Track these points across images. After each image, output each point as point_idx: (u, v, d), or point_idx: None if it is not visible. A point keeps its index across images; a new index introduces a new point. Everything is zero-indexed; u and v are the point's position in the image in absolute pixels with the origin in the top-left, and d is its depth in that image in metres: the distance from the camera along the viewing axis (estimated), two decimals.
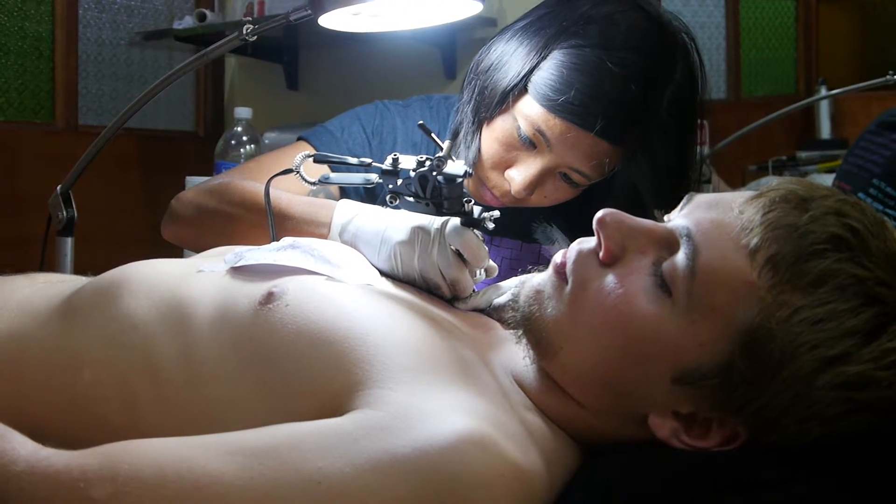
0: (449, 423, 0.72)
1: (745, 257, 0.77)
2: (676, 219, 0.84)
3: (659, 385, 0.80)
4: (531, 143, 1.27)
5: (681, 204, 0.86)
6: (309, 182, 1.08)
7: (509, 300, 0.94)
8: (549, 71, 1.24)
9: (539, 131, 1.25)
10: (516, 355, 0.89)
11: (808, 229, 0.76)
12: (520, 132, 1.27)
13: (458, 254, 1.04)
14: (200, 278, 0.93)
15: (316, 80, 3.31)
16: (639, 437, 0.83)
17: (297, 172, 1.08)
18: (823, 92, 3.30)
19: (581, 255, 0.86)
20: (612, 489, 0.78)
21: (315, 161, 1.11)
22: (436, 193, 1.04)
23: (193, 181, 2.24)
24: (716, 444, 0.80)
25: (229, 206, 1.28)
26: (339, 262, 0.96)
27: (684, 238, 0.80)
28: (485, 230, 1.06)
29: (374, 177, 1.08)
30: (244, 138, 2.37)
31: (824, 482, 0.74)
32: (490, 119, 1.31)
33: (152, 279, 0.93)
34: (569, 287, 0.85)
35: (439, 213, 1.05)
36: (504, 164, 1.30)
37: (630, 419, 0.83)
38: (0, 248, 2.81)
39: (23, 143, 3.05)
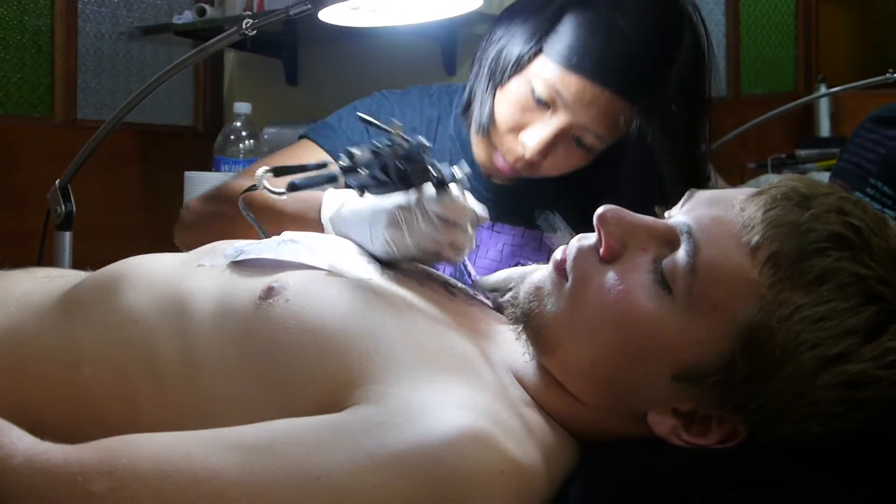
0: (448, 419, 0.72)
1: (746, 255, 0.77)
2: (677, 215, 0.84)
3: (659, 382, 0.80)
4: (546, 105, 1.29)
5: (682, 201, 0.86)
6: (276, 193, 1.07)
7: (510, 296, 0.94)
8: (564, 32, 1.27)
9: (555, 90, 1.27)
10: (516, 351, 0.89)
11: (810, 227, 0.76)
12: (534, 93, 1.29)
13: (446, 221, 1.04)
14: (200, 273, 0.93)
15: (315, 76, 3.31)
16: (638, 434, 0.83)
17: (264, 188, 1.07)
18: (823, 90, 3.29)
19: (581, 252, 0.85)
20: (611, 486, 0.78)
21: (275, 175, 1.11)
22: (400, 174, 1.03)
23: (192, 176, 2.24)
24: (715, 442, 0.80)
25: (227, 207, 1.29)
26: (339, 257, 0.96)
27: (685, 235, 0.80)
28: (460, 185, 1.05)
29: (336, 176, 1.06)
30: (243, 133, 2.37)
31: (824, 480, 0.74)
32: (503, 84, 1.33)
33: (152, 273, 0.93)
34: (569, 284, 0.85)
35: (411, 188, 1.04)
36: (518, 127, 1.32)
37: (629, 416, 0.83)
38: None
39: (22, 138, 3.05)
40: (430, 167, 1.02)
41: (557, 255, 0.88)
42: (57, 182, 1.40)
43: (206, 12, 3.12)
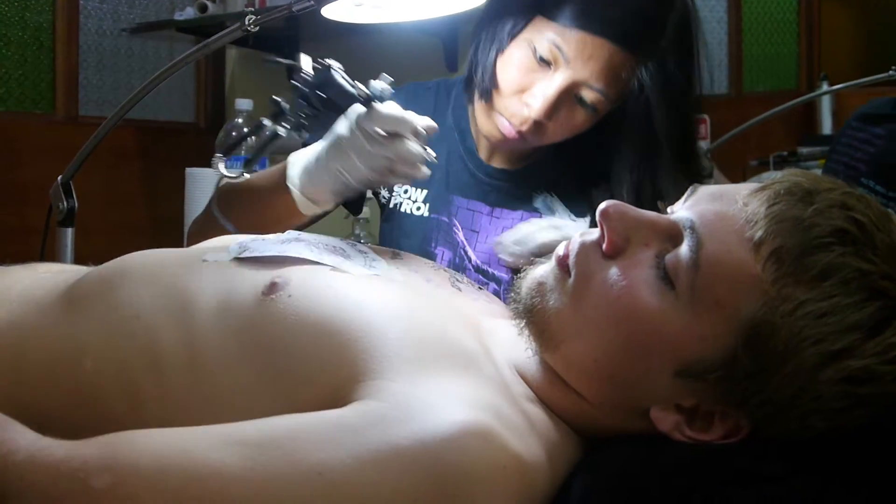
0: (451, 415, 0.72)
1: (749, 250, 0.77)
2: (680, 211, 0.84)
3: (661, 378, 0.80)
4: (547, 64, 1.30)
5: (685, 196, 0.86)
6: (231, 176, 1.18)
7: (512, 291, 0.94)
8: None
9: (556, 46, 1.29)
10: (519, 347, 0.89)
11: (813, 222, 0.76)
12: (536, 53, 1.31)
13: (391, 135, 1.10)
14: (204, 268, 0.93)
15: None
16: (641, 430, 0.83)
17: (223, 176, 1.12)
18: (825, 87, 3.30)
19: (584, 247, 0.85)
20: (614, 482, 0.78)
21: (225, 155, 1.18)
22: (325, 102, 1.07)
23: (194, 172, 2.23)
24: (718, 438, 0.80)
25: (216, 211, 1.34)
26: (343, 254, 0.96)
27: (688, 230, 0.80)
28: (381, 98, 1.10)
29: (274, 128, 1.12)
30: (245, 130, 2.37)
31: (827, 476, 0.74)
32: (503, 50, 1.35)
33: (155, 269, 0.93)
34: (571, 279, 0.85)
35: (341, 111, 1.09)
36: (521, 89, 1.34)
37: (632, 412, 0.83)
38: (0, 239, 2.80)
39: (23, 134, 3.05)
40: (350, 87, 1.07)
41: (560, 250, 0.87)
42: (59, 178, 1.40)
43: (208, 8, 3.11)
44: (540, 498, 0.77)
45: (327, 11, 1.22)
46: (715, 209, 0.81)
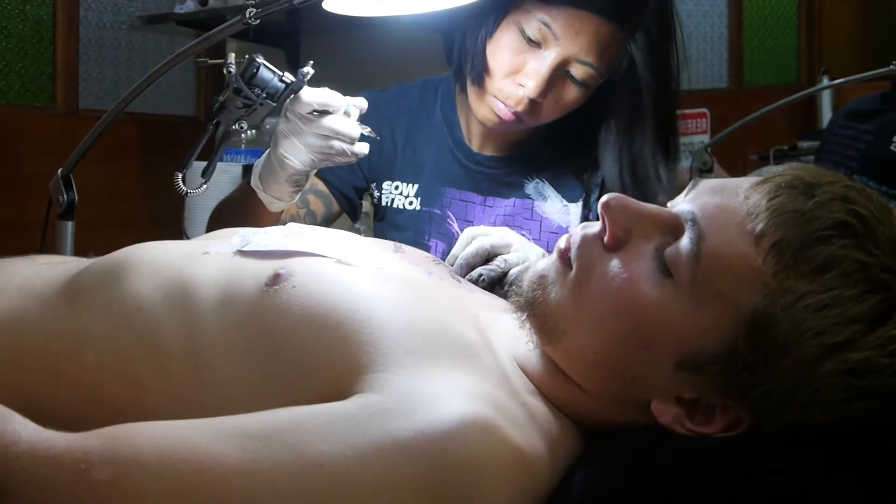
0: (452, 407, 0.72)
1: (750, 243, 0.77)
2: (681, 204, 0.84)
3: (662, 370, 0.80)
4: (537, 44, 1.34)
5: (686, 189, 0.86)
6: (190, 192, 1.30)
7: (513, 285, 0.94)
8: None
9: (545, 24, 1.33)
10: (520, 339, 0.89)
11: (814, 215, 0.76)
12: (524, 34, 1.34)
13: (321, 113, 1.22)
14: (206, 260, 0.93)
15: (318, 66, 3.30)
16: (642, 423, 0.83)
17: (183, 191, 1.29)
18: (825, 82, 3.29)
19: (585, 240, 0.85)
20: (615, 474, 0.78)
21: (181, 170, 1.32)
22: (257, 94, 1.19)
23: (194, 166, 2.23)
24: (719, 430, 0.80)
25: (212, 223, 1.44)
26: (347, 248, 0.96)
27: (689, 223, 0.80)
28: (300, 81, 1.23)
29: (212, 127, 1.25)
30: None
31: (827, 468, 0.74)
32: (491, 35, 1.40)
33: (157, 261, 0.93)
34: (573, 272, 0.85)
35: (272, 100, 1.22)
36: (514, 71, 1.37)
37: (633, 404, 0.83)
38: (0, 232, 2.80)
39: (23, 127, 3.04)
40: (276, 77, 1.21)
41: (561, 243, 0.87)
42: (59, 171, 1.40)
43: (209, 2, 3.11)
44: (540, 490, 0.77)
45: (328, 4, 1.22)
46: (716, 202, 0.81)
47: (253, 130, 1.24)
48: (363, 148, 1.27)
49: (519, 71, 1.37)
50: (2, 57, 3.03)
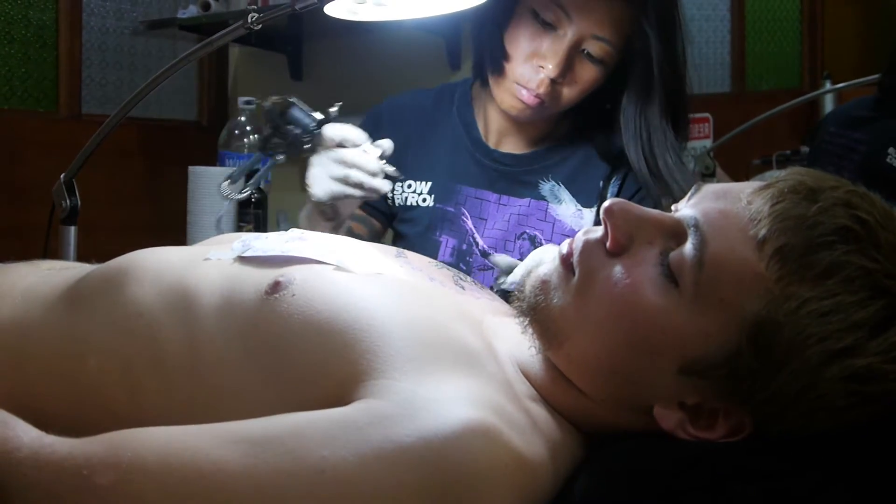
0: (454, 413, 0.72)
1: (753, 248, 0.77)
2: (684, 209, 0.83)
3: (665, 376, 0.80)
4: (552, 27, 1.40)
5: (689, 194, 0.86)
6: (233, 197, 1.38)
7: (516, 288, 0.94)
8: None
9: (557, 5, 1.38)
10: (522, 345, 0.89)
11: (817, 220, 0.76)
12: (539, 17, 1.40)
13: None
14: (207, 266, 0.93)
15: (320, 71, 3.30)
16: (644, 428, 0.83)
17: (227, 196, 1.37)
18: (828, 86, 3.29)
19: (588, 246, 0.85)
20: (617, 480, 0.78)
21: (230, 189, 1.38)
22: (289, 132, 1.31)
23: (196, 171, 2.24)
24: (722, 436, 0.80)
25: None
26: (347, 253, 0.95)
27: (692, 228, 0.80)
28: (331, 119, 1.33)
29: (258, 158, 1.36)
30: (247, 128, 2.37)
31: (830, 474, 0.74)
32: (506, 26, 1.45)
33: (158, 267, 0.93)
34: (575, 277, 0.85)
35: (304, 136, 1.32)
36: (532, 55, 1.43)
37: (636, 410, 0.83)
38: (3, 237, 2.80)
39: (26, 132, 3.04)
40: (305, 117, 1.31)
41: (564, 248, 0.87)
42: (62, 176, 1.40)
43: (211, 7, 3.10)
44: (542, 496, 0.77)
45: (330, 9, 1.22)
46: (719, 207, 0.81)
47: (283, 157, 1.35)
48: (383, 184, 1.32)
49: (537, 54, 1.42)
50: (5, 62, 3.03)
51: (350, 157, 1.30)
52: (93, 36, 3.28)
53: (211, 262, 0.94)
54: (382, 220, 1.65)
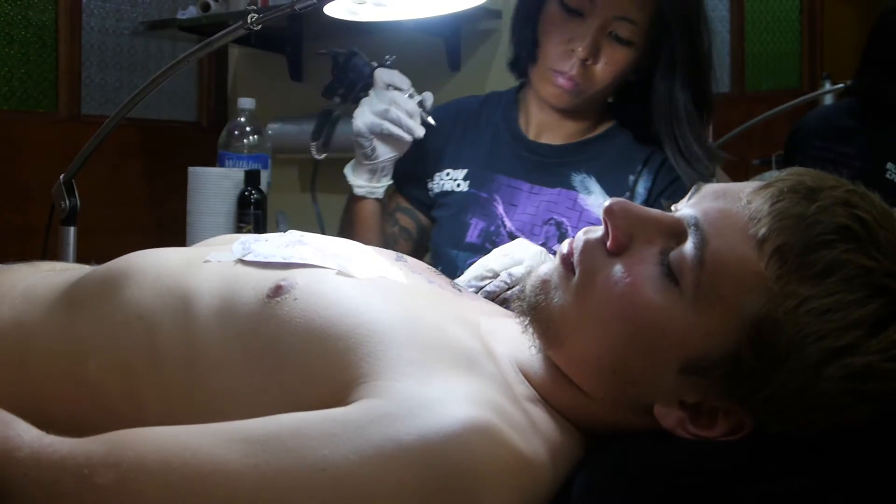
0: (454, 412, 0.72)
1: (752, 247, 0.77)
2: (684, 208, 0.84)
3: (665, 375, 0.80)
4: (579, 13, 1.51)
5: (689, 194, 0.86)
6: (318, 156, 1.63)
7: (517, 290, 0.94)
8: None
9: None
10: (522, 345, 0.89)
11: (816, 219, 0.76)
12: (565, 6, 1.51)
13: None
14: (207, 268, 0.93)
15: (319, 71, 3.30)
16: (644, 427, 0.83)
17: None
18: (828, 87, 3.29)
19: (588, 245, 0.85)
20: (616, 480, 0.78)
21: (320, 147, 1.63)
22: (353, 76, 1.56)
23: (196, 171, 2.23)
24: (722, 434, 0.80)
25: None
26: (347, 258, 0.95)
27: (692, 228, 0.80)
28: (383, 64, 1.56)
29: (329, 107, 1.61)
30: (247, 129, 2.37)
31: (830, 473, 0.74)
32: (537, 20, 1.58)
33: (158, 268, 0.93)
34: (576, 277, 0.85)
35: (362, 80, 1.57)
36: (564, 41, 1.53)
37: (636, 409, 0.83)
38: (2, 237, 2.81)
39: (26, 133, 3.05)
40: (363, 65, 1.55)
41: (564, 248, 0.88)
42: (61, 177, 1.40)
43: (211, 7, 3.11)
44: (542, 495, 0.77)
45: (329, 10, 1.23)
46: (719, 207, 0.81)
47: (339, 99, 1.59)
48: (417, 127, 1.54)
49: (567, 40, 1.52)
50: (5, 63, 3.03)
51: (392, 96, 1.52)
52: (92, 37, 3.28)
53: (211, 264, 0.93)
54: (427, 214, 1.72)
